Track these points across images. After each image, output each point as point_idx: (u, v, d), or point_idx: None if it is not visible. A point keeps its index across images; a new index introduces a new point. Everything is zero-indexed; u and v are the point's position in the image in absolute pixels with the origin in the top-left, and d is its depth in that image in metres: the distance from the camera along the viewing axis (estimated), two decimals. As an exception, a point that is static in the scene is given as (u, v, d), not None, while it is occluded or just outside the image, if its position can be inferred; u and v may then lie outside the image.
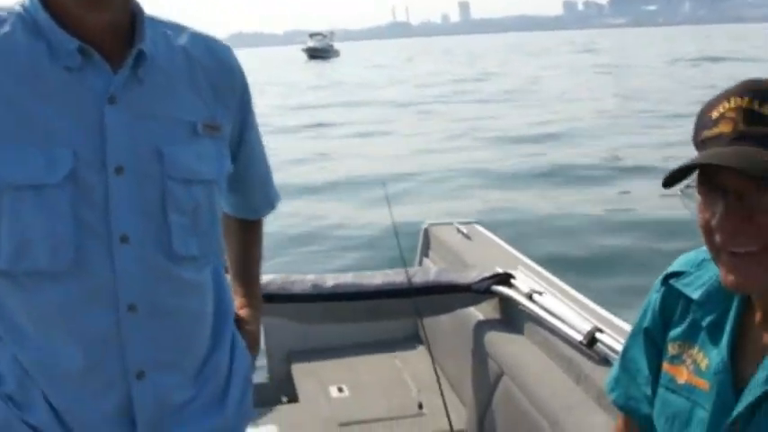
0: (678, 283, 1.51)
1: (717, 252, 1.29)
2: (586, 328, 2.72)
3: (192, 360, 1.68)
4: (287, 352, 4.26)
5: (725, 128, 1.24)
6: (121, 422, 1.59)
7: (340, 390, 3.91)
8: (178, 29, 1.67)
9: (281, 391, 4.11)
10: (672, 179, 1.28)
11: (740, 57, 48.23)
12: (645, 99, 25.55)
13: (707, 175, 1.26)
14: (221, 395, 1.74)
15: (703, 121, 1.29)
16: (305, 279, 3.48)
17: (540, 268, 3.50)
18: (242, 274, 2.02)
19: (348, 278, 3.53)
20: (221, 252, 1.79)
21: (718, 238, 1.26)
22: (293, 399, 3.96)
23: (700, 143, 1.28)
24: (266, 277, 3.33)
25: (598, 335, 2.67)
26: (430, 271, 3.64)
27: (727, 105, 1.25)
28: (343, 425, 3.57)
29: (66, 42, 1.49)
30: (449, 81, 38.76)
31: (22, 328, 1.53)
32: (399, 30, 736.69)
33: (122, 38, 1.55)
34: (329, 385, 3.95)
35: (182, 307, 1.63)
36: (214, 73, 1.66)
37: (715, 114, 1.26)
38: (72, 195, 1.48)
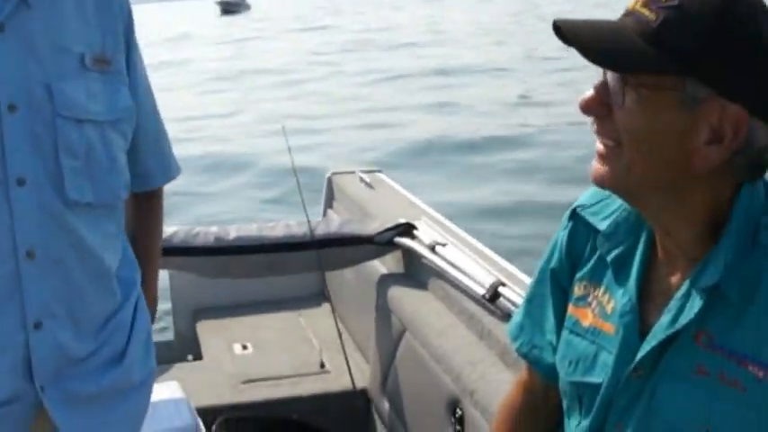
0: (585, 212, 1.42)
1: None
2: (489, 281, 2.65)
3: (92, 315, 1.62)
4: (192, 310, 4.23)
5: (633, 4, 1.17)
6: (18, 373, 1.53)
7: (244, 347, 3.90)
8: None
9: (185, 349, 4.09)
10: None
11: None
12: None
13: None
14: (122, 352, 1.69)
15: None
16: (208, 231, 3.42)
17: (443, 219, 3.44)
18: (139, 254, 1.82)
19: (252, 230, 3.46)
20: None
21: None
22: (198, 357, 3.94)
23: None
24: (169, 229, 3.27)
25: (501, 289, 2.60)
26: (332, 222, 3.58)
27: None
28: (245, 382, 3.56)
29: None
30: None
31: None
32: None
33: None
34: (233, 343, 3.93)
35: (81, 259, 1.56)
36: (103, 2, 1.57)
37: None
38: None
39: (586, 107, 1.20)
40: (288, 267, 3.53)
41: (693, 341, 1.24)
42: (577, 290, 1.42)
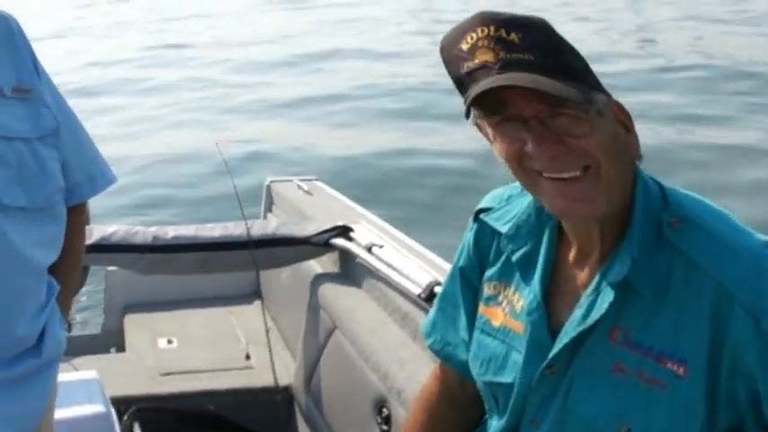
0: (488, 218, 1.47)
1: (533, 179, 1.25)
2: (426, 280, 2.64)
3: (9, 339, 1.69)
4: (123, 305, 4.22)
5: (485, 56, 1.21)
6: None
7: (169, 341, 3.88)
8: None
9: (110, 342, 4.06)
10: (469, 110, 1.24)
11: None
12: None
13: (495, 106, 1.22)
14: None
15: (454, 55, 1.25)
16: (147, 230, 3.45)
17: (381, 221, 3.45)
18: (58, 272, 1.86)
19: (189, 230, 3.49)
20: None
21: (536, 164, 1.23)
22: (121, 350, 3.92)
23: (465, 76, 1.24)
24: (110, 228, 3.35)
25: (437, 288, 2.60)
26: (270, 224, 3.62)
27: (474, 36, 1.22)
28: (164, 374, 3.54)
29: None
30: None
31: None
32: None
33: None
34: (159, 337, 3.91)
35: (10, 259, 1.65)
36: (6, 43, 1.74)
37: (465, 46, 1.23)
38: None
39: (556, 157, 1.21)
40: (223, 266, 3.54)
41: (608, 338, 1.26)
42: (487, 289, 1.46)
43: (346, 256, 3.25)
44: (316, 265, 3.47)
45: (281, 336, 3.74)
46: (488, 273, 1.46)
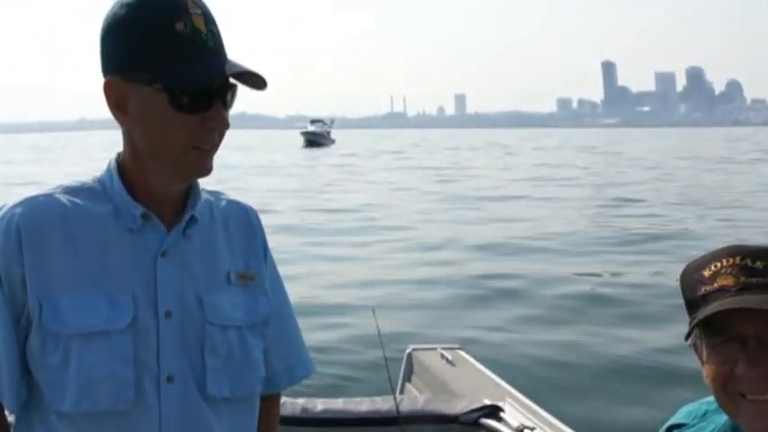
0: None
1: (736, 402, 1.31)
2: None
3: None
4: None
5: (726, 281, 1.32)
6: None
7: None
8: (218, 195, 1.84)
9: None
10: (692, 331, 1.35)
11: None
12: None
13: (719, 326, 1.31)
14: None
15: (694, 279, 1.36)
16: (295, 402, 3.50)
17: (528, 401, 3.48)
18: None
19: (337, 404, 3.55)
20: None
21: (742, 386, 1.29)
22: None
23: (699, 299, 1.34)
24: None
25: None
26: (417, 399, 3.65)
27: (719, 264, 1.34)
28: None
29: (132, 208, 1.65)
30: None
31: None
32: (395, 120, 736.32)
33: (178, 203, 1.71)
34: None
35: None
36: (246, 230, 1.83)
37: (708, 273, 1.34)
38: (134, 339, 1.61)
39: (763, 379, 1.29)
40: None
41: None
42: None
43: None
44: None
45: None
46: None
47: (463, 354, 4.31)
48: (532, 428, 3.09)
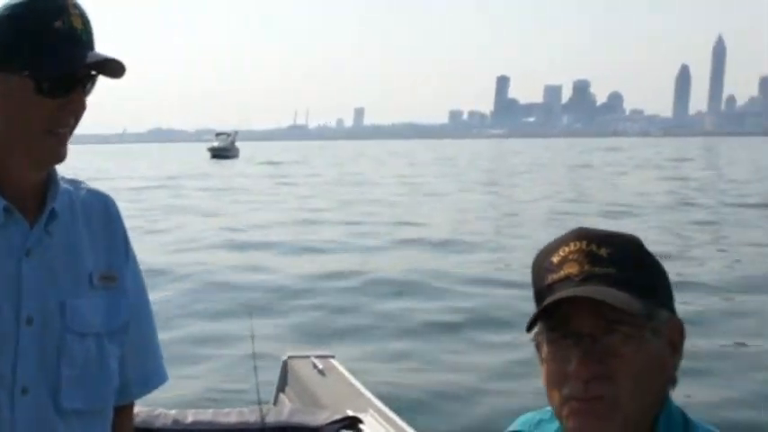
0: None
1: (564, 403, 1.26)
2: None
3: None
4: None
5: (571, 269, 1.27)
6: None
7: None
8: (76, 185, 1.76)
9: None
10: (533, 322, 1.29)
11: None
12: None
13: (558, 321, 1.26)
14: None
15: (544, 266, 1.31)
16: (168, 414, 3.52)
17: (390, 413, 3.53)
18: None
19: (207, 415, 3.57)
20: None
21: (569, 387, 1.25)
22: None
23: (546, 288, 1.29)
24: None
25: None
26: (283, 411, 3.67)
27: (567, 249, 1.29)
28: None
29: None
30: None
31: None
32: (297, 132, 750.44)
33: (39, 195, 1.65)
34: None
35: None
36: (107, 225, 1.76)
37: (556, 259, 1.30)
38: None
39: (590, 381, 1.24)
40: None
41: None
42: None
43: None
44: None
45: None
46: None
47: (335, 363, 4.33)
48: None
